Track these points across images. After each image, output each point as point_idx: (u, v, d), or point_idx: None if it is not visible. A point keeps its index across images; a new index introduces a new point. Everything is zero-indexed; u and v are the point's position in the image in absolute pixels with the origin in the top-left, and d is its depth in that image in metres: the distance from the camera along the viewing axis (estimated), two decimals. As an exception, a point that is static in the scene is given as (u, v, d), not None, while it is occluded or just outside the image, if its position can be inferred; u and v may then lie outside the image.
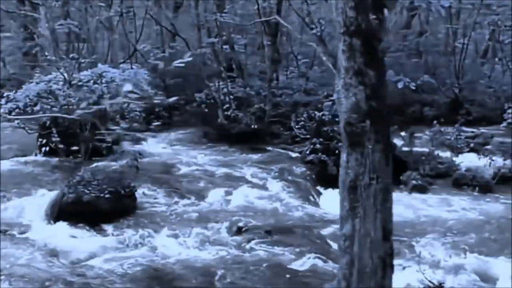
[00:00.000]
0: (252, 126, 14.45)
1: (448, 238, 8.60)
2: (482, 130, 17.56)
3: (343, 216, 3.87)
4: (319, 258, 7.57)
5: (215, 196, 10.64)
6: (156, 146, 15.44)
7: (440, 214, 10.01)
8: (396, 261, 7.40)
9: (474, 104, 19.42)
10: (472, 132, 16.25)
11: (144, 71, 16.15)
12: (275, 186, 11.31)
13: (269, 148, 14.33)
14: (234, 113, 14.97)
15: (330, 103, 12.17)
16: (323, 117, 12.08)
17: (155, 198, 10.48)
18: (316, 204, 10.63)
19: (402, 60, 18.30)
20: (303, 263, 7.46)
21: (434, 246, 8.24)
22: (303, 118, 13.01)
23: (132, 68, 16.20)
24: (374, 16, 4.26)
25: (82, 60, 13.15)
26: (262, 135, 14.78)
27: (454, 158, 13.19)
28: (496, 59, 22.74)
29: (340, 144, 11.72)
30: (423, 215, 9.95)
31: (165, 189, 11.00)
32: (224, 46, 18.94)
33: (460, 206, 10.47)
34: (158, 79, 19.36)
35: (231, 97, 15.18)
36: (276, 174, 12.02)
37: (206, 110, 15.73)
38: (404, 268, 6.89)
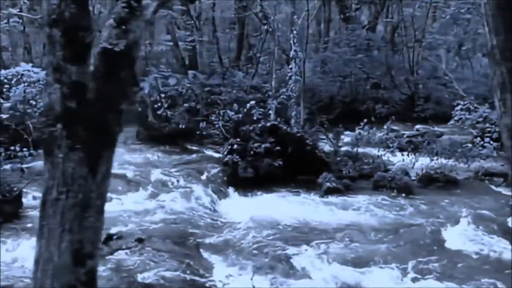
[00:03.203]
0: (180, 126, 13.90)
1: (331, 246, 8.05)
2: (437, 128, 16.98)
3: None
4: (174, 269, 7.02)
5: (110, 200, 10.10)
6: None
7: (342, 219, 9.42)
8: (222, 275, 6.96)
9: (430, 101, 18.78)
10: (417, 130, 15.67)
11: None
12: (181, 189, 10.78)
13: (196, 148, 13.79)
14: (165, 112, 14.41)
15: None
16: (233, 117, 11.52)
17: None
18: (214, 209, 10.07)
19: (348, 56, 17.64)
20: (156, 273, 6.91)
21: (309, 255, 7.70)
22: (221, 118, 12.43)
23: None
24: (124, 5, 3.77)
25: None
26: (193, 134, 14.24)
27: (389, 158, 12.63)
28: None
29: (256, 144, 11.24)
30: (323, 220, 9.37)
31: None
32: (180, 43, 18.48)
33: (368, 210, 9.88)
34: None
35: (163, 95, 14.62)
36: (190, 176, 11.49)
37: (140, 109, 15.17)
38: (224, 284, 6.33)
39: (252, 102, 11.86)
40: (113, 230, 8.53)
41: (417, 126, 16.94)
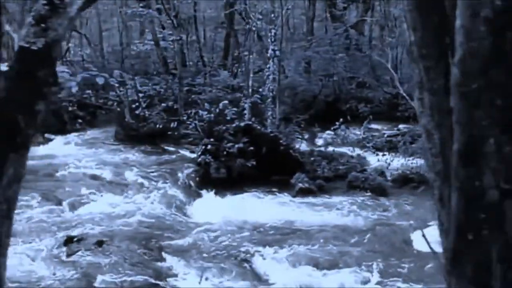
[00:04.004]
0: (157, 126, 13.76)
1: (301, 247, 7.95)
2: (419, 127, 16.80)
3: None
4: (132, 272, 6.89)
5: (80, 202, 9.98)
6: (64, 147, 14.81)
7: (313, 220, 9.31)
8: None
9: (413, 100, 18.57)
10: (398, 130, 15.53)
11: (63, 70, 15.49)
12: (155, 190, 10.63)
13: (173, 148, 13.65)
14: (143, 112, 14.27)
15: None
16: (205, 116, 11.39)
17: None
18: (185, 210, 9.94)
19: (330, 55, 17.48)
20: (113, 276, 6.78)
21: (278, 257, 7.58)
22: (194, 118, 12.29)
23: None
24: (44, 2, 3.65)
25: None
26: (171, 134, 14.10)
27: (366, 158, 12.50)
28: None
29: (229, 144, 11.10)
30: (294, 221, 9.26)
31: (32, 195, 10.34)
32: (162, 42, 18.35)
33: (340, 211, 9.76)
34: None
35: (141, 95, 14.48)
36: (164, 177, 11.35)
37: (119, 109, 15.05)
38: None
39: (225, 102, 11.73)
40: (76, 232, 8.41)
41: (400, 126, 16.80)
